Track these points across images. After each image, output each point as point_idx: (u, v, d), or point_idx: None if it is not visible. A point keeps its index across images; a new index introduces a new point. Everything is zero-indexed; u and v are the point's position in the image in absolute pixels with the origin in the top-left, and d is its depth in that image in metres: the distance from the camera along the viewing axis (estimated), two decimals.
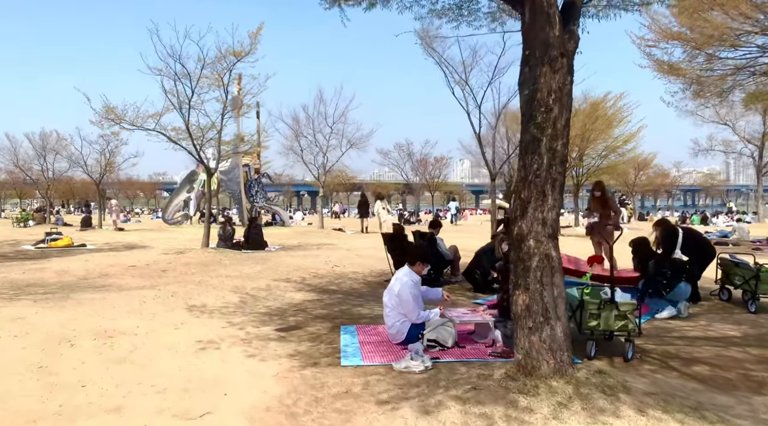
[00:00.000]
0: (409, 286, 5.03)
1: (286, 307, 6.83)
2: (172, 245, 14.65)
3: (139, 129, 11.83)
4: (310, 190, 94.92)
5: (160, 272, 9.49)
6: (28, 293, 7.27)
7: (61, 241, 14.33)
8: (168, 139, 12.44)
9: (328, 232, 21.47)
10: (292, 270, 9.88)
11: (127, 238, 17.55)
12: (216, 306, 6.78)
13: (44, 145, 27.12)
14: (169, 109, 12.31)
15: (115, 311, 6.32)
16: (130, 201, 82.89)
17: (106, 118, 11.41)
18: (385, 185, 76.19)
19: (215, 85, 13.05)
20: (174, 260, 11.08)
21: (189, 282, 8.47)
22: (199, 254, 12.04)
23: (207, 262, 10.84)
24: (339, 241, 16.85)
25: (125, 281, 8.43)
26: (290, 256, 12.37)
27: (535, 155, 3.75)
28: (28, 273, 9.14)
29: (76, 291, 7.55)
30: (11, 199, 62.16)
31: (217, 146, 13.18)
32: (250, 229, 14.01)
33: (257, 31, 12.25)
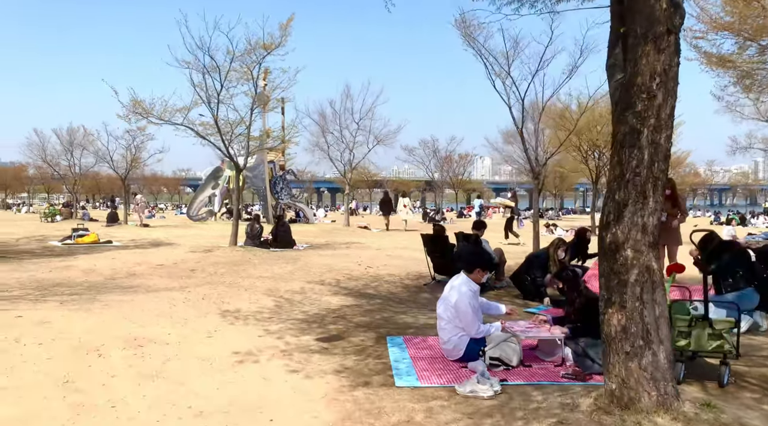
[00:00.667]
0: (468, 296, 4.52)
1: (324, 313, 6.37)
2: (199, 243, 14.35)
3: (167, 123, 11.52)
4: (330, 186, 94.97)
5: (188, 272, 9.13)
6: (54, 294, 6.94)
7: (87, 237, 14.13)
8: (196, 134, 12.11)
9: (354, 229, 21.05)
10: (325, 271, 9.43)
11: (152, 235, 17.35)
12: (250, 311, 6.35)
13: (71, 141, 27.20)
14: (198, 103, 11.99)
15: (144, 315, 5.94)
16: (154, 196, 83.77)
17: (134, 111, 11.12)
18: (406, 182, 75.66)
19: (244, 79, 12.69)
20: (202, 259, 10.74)
21: (219, 283, 8.08)
22: (227, 253, 11.69)
23: (236, 262, 10.46)
24: (367, 240, 16.40)
25: (153, 282, 8.07)
26: (320, 255, 11.94)
27: (633, 149, 3.20)
28: (55, 272, 8.85)
29: (103, 292, 7.20)
30: (39, 194, 63.20)
31: (246, 142, 12.81)
32: (278, 227, 13.63)
33: (288, 23, 11.84)
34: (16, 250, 12.20)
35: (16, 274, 8.50)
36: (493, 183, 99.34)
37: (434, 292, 7.78)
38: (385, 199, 26.88)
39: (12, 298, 6.60)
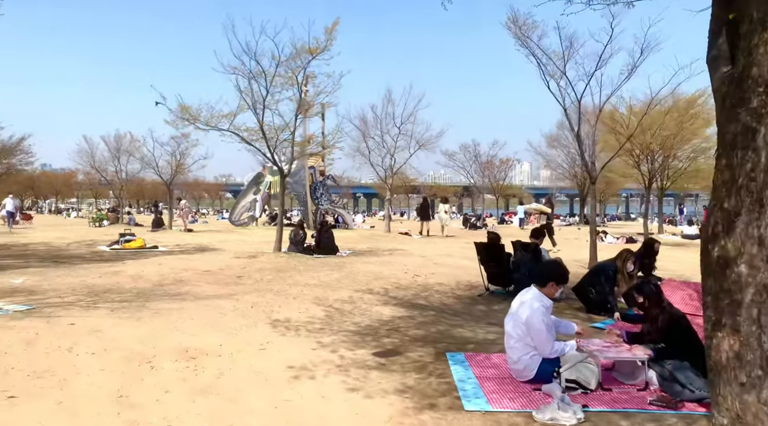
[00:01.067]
0: (541, 312, 4.17)
1: (376, 324, 6.10)
2: (243, 248, 14.34)
3: (213, 129, 11.53)
4: (366, 192, 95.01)
5: (235, 279, 9.03)
6: (104, 301, 6.90)
7: (134, 242, 14.31)
8: (241, 139, 12.09)
9: (395, 236, 20.77)
10: (372, 279, 9.18)
11: (196, 240, 17.50)
12: (301, 321, 6.14)
13: (118, 147, 27.93)
14: (243, 108, 11.96)
15: (195, 325, 5.80)
16: (196, 201, 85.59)
17: (181, 117, 11.16)
18: (444, 188, 74.98)
19: (288, 84, 12.63)
20: (248, 265, 10.65)
21: (267, 290, 7.92)
22: (272, 259, 11.59)
23: (282, 268, 10.33)
24: (410, 247, 16.09)
25: (201, 289, 7.98)
26: (364, 262, 11.71)
27: (747, 151, 2.82)
28: (104, 277, 8.89)
29: (152, 299, 7.13)
30: (87, 199, 65.35)
31: (290, 148, 12.73)
32: (321, 233, 13.49)
33: (333, 26, 11.71)
34: (67, 255, 12.42)
35: (68, 279, 8.56)
36: (533, 188, 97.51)
37: (489, 303, 7.43)
38: (424, 205, 26.51)
39: (65, 304, 6.59)
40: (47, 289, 7.56)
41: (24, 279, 8.39)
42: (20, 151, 30.18)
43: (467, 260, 12.22)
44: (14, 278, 8.44)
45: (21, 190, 63.66)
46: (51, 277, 8.74)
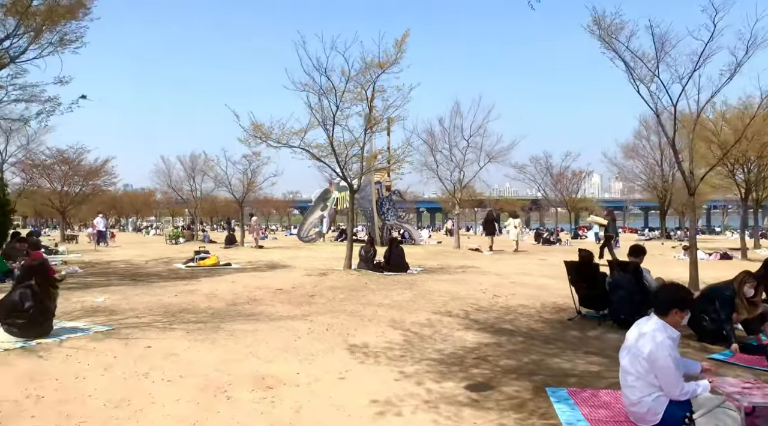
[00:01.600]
0: (667, 346, 3.55)
1: (461, 351, 5.61)
2: (313, 265, 14.23)
3: (285, 146, 11.51)
4: (429, 206, 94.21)
5: (307, 298, 8.81)
6: (180, 321, 6.81)
7: (208, 260, 14.53)
8: (312, 156, 12.00)
9: (465, 252, 20.11)
10: (448, 300, 8.69)
11: (267, 257, 17.64)
12: (379, 346, 5.76)
13: (193, 167, 29.05)
14: (314, 125, 11.89)
15: (270, 349, 5.54)
16: (266, 218, 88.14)
17: (254, 135, 11.22)
18: (511, 201, 73.15)
19: (358, 99, 12.47)
20: (319, 283, 10.44)
21: (340, 311, 7.62)
22: (342, 276, 11.34)
23: (353, 287, 10.04)
24: (482, 264, 15.44)
25: (275, 309, 7.78)
26: (437, 280, 11.22)
27: None
28: (180, 296, 8.91)
29: (227, 320, 6.98)
30: (165, 217, 68.71)
31: (359, 163, 12.53)
32: (391, 249, 13.13)
33: (403, 39, 11.47)
34: (145, 273, 12.74)
35: (146, 298, 8.63)
36: (605, 201, 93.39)
37: (583, 328, 6.75)
38: (489, 219, 25.75)
39: (142, 325, 6.54)
40: (126, 309, 7.60)
41: (105, 298, 8.53)
42: (104, 173, 32.03)
43: (548, 279, 11.48)
44: (96, 297, 8.60)
45: (105, 209, 68.11)
46: (130, 295, 8.86)
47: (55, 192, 29.86)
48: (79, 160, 30.55)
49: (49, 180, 29.79)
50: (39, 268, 5.84)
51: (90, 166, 31.12)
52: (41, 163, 28.85)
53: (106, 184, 33.53)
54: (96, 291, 9.35)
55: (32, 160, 28.90)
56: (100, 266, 14.56)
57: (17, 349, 5.30)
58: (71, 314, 7.15)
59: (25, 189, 29.47)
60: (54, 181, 29.84)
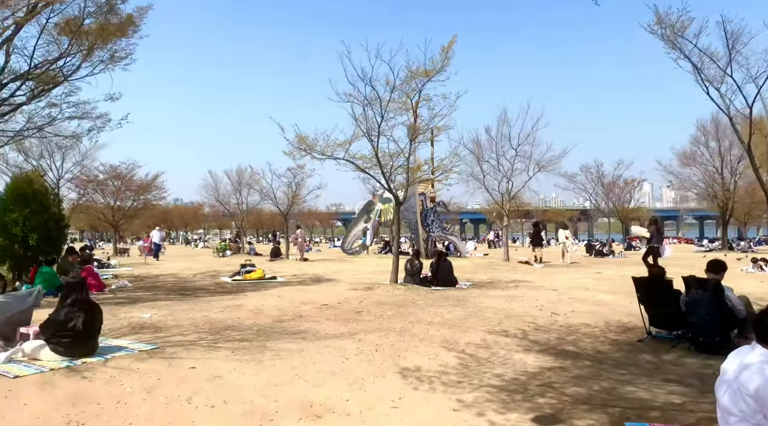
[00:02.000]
0: None
1: (523, 377, 5.14)
2: (358, 279, 13.96)
3: (329, 158, 11.31)
4: (473, 217, 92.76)
5: (354, 314, 8.49)
6: (226, 339, 6.61)
7: (254, 273, 14.49)
8: (356, 167, 11.76)
9: (514, 265, 19.43)
10: (503, 318, 8.20)
11: (312, 270, 17.51)
12: (432, 370, 5.36)
13: (240, 180, 29.45)
14: (358, 136, 11.66)
15: (317, 371, 5.23)
16: (309, 230, 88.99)
17: (298, 147, 11.08)
18: (558, 212, 71.29)
19: (403, 109, 12.19)
20: (365, 298, 10.12)
21: (389, 330, 7.25)
22: (389, 291, 10.99)
23: (401, 302, 9.67)
24: (534, 278, 14.79)
25: (321, 326, 7.49)
26: (488, 296, 10.72)
27: None
28: (226, 311, 8.76)
29: (273, 338, 6.74)
30: (213, 230, 70.27)
31: (404, 174, 12.21)
32: (439, 263, 12.70)
33: (449, 45, 11.12)
34: (192, 287, 12.76)
35: (191, 313, 8.53)
36: (656, 210, 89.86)
37: (656, 351, 6.15)
38: (536, 230, 24.96)
39: (186, 343, 6.37)
40: (171, 325, 7.48)
41: (152, 313, 8.47)
42: (155, 187, 32.93)
43: (607, 294, 10.80)
44: (144, 312, 8.55)
45: (157, 222, 70.46)
46: (176, 311, 8.78)
47: (108, 206, 30.85)
48: (131, 175, 31.53)
49: (102, 195, 30.80)
50: (77, 286, 5.74)
51: (141, 181, 32.05)
52: (95, 179, 29.88)
53: (156, 198, 34.46)
54: (144, 306, 9.33)
55: (87, 175, 29.99)
56: (149, 280, 14.73)
57: (63, 368, 5.18)
58: (118, 331, 7.08)
59: (80, 204, 30.57)
60: (107, 195, 30.82)
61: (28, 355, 5.41)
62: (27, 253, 12.12)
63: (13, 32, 9.69)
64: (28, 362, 5.35)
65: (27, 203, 12.16)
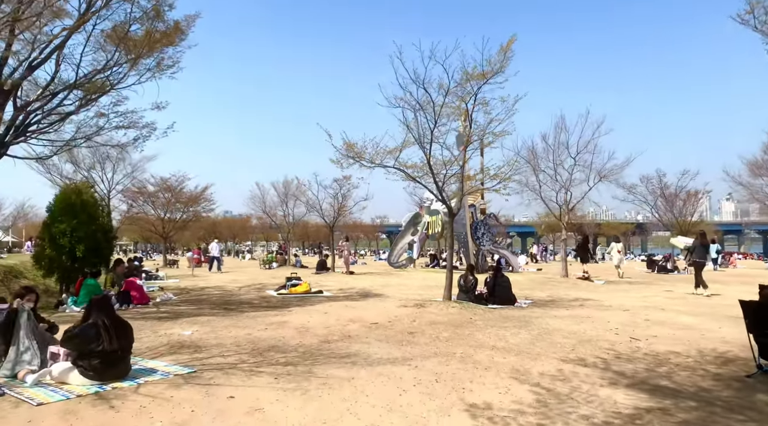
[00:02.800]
0: None
1: (617, 420, 4.27)
2: (407, 294, 13.22)
3: (378, 166, 10.68)
4: (520, 230, 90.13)
5: (407, 335, 7.76)
6: (268, 362, 6.01)
7: (300, 287, 13.99)
8: (407, 176, 11.09)
9: (574, 281, 18.19)
10: (575, 343, 7.28)
11: (359, 283, 16.89)
12: (505, 407, 4.56)
13: (286, 192, 29.30)
14: (408, 143, 11.00)
15: (371, 406, 4.53)
16: (354, 243, 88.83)
17: (346, 155, 10.50)
18: (613, 225, 68.35)
19: (456, 114, 11.47)
20: (417, 317, 9.37)
21: (449, 355, 6.48)
22: (442, 309, 10.19)
23: (457, 322, 8.87)
24: (599, 295, 13.66)
25: (372, 349, 6.80)
26: (553, 316, 9.77)
27: None
28: (270, 329, 8.20)
29: (319, 361, 6.09)
30: (260, 242, 71.02)
31: (457, 183, 11.44)
32: (496, 278, 11.82)
33: (509, 45, 10.35)
34: (237, 301, 12.34)
35: (234, 330, 8.01)
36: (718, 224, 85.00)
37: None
38: (583, 244, 23.72)
39: (226, 366, 5.80)
40: (212, 344, 6.96)
41: (193, 330, 8.00)
42: (203, 199, 33.27)
43: (689, 316, 9.67)
44: (185, 329, 8.10)
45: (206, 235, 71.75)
46: (218, 328, 8.29)
47: (158, 218, 31.30)
48: (181, 187, 31.92)
49: (153, 206, 31.28)
50: (101, 303, 5.25)
51: (190, 193, 32.42)
52: (145, 191, 30.39)
53: (205, 210, 34.79)
54: (186, 321, 8.90)
55: (138, 187, 30.54)
56: (195, 293, 14.46)
57: (91, 395, 4.68)
58: (156, 350, 6.60)
59: (131, 215, 31.15)
60: (157, 207, 31.28)
61: (56, 379, 4.96)
62: (74, 265, 12.02)
63: (63, 40, 9.57)
64: (55, 386, 4.89)
65: (75, 214, 12.09)
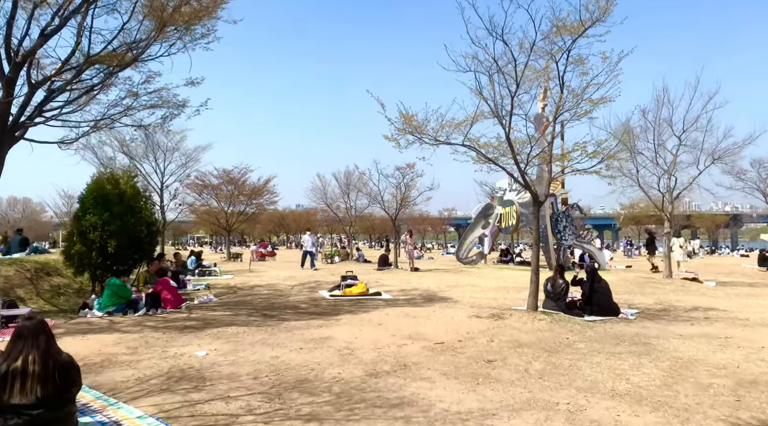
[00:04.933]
0: None
1: None
2: (480, 299, 11.14)
3: (444, 144, 8.63)
4: (597, 223, 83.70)
5: (484, 366, 5.73)
6: (284, 413, 4.20)
7: (355, 287, 12.24)
8: (480, 156, 8.97)
9: (682, 283, 15.27)
10: (735, 385, 4.96)
11: (423, 283, 14.94)
12: None
13: (348, 183, 27.77)
14: (483, 115, 8.88)
15: None
16: (421, 236, 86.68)
17: (404, 130, 8.53)
18: (707, 217, 62.30)
19: (543, 79, 9.22)
20: (496, 334, 7.29)
21: (549, 406, 4.41)
22: (527, 323, 8.04)
23: (550, 344, 6.71)
24: (719, 302, 10.98)
25: (435, 392, 4.83)
26: (677, 336, 7.38)
27: None
28: (306, 349, 6.43)
29: (357, 410, 4.22)
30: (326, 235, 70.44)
31: (547, 164, 9.20)
32: (592, 283, 9.49)
33: None
34: (282, 304, 10.75)
35: (260, 351, 6.31)
36: None
37: None
38: (650, 238, 22.95)
39: (223, 417, 4.04)
40: (223, 375, 5.26)
41: (211, 349, 6.38)
42: (267, 192, 32.41)
43: None
44: (202, 347, 6.49)
45: (275, 228, 72.30)
46: (244, 345, 6.62)
47: (222, 211, 30.76)
48: (244, 179, 31.19)
49: (217, 199, 30.76)
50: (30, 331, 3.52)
51: (253, 186, 31.67)
52: (209, 183, 29.87)
53: (268, 202, 33.96)
54: (210, 334, 7.33)
55: (203, 180, 30.09)
56: (242, 292, 13.08)
57: None
58: (146, 384, 4.98)
59: (196, 208, 30.76)
60: (221, 200, 30.72)
61: None
62: (106, 261, 10.87)
63: (81, 3, 8.20)
64: None
65: (107, 206, 10.92)
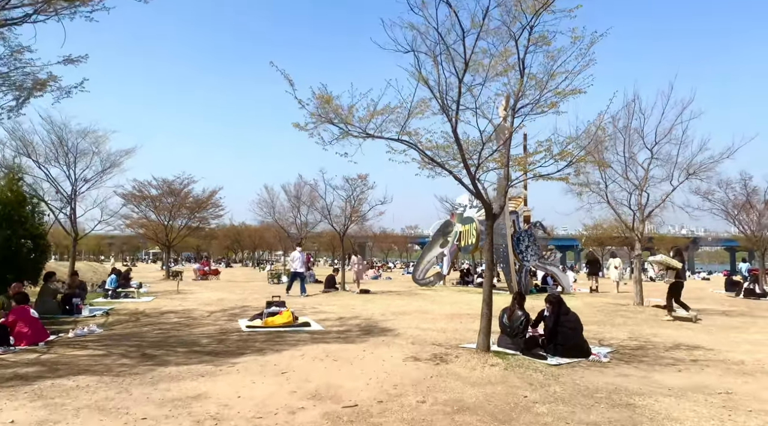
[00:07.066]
0: None
1: None
2: (425, 330, 9.30)
3: (375, 137, 6.79)
4: (560, 244, 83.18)
5: None
6: None
7: (279, 317, 10.22)
8: (424, 156, 7.17)
9: (655, 311, 13.71)
10: None
11: (368, 309, 13.01)
12: None
13: (297, 195, 25.72)
14: (425, 106, 7.10)
15: None
16: (385, 254, 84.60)
17: (320, 116, 6.65)
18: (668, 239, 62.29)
19: (501, 65, 7.53)
20: (431, 387, 5.40)
21: None
22: (475, 369, 6.19)
23: (501, 409, 4.84)
24: (703, 337, 9.41)
25: None
26: (666, 390, 5.67)
27: None
28: (149, 421, 4.39)
29: None
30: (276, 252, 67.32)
31: (504, 170, 7.46)
32: (558, 316, 7.73)
33: None
34: (179, 339, 8.64)
35: (78, 424, 4.23)
36: None
37: None
38: (592, 259, 23.79)
39: None
40: None
41: (7, 421, 4.28)
42: (211, 205, 30.06)
43: None
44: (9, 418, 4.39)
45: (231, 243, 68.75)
46: (64, 413, 4.54)
47: (161, 225, 28.23)
48: (187, 191, 28.81)
49: (156, 212, 28.26)
50: None
51: (196, 198, 29.29)
52: (147, 195, 27.42)
53: (213, 216, 31.55)
54: (30, 392, 5.21)
55: (140, 190, 27.65)
56: (146, 320, 10.90)
57: None
58: None
59: (133, 221, 28.20)
60: (161, 213, 28.22)
61: None
62: None
63: None
64: None
65: None
